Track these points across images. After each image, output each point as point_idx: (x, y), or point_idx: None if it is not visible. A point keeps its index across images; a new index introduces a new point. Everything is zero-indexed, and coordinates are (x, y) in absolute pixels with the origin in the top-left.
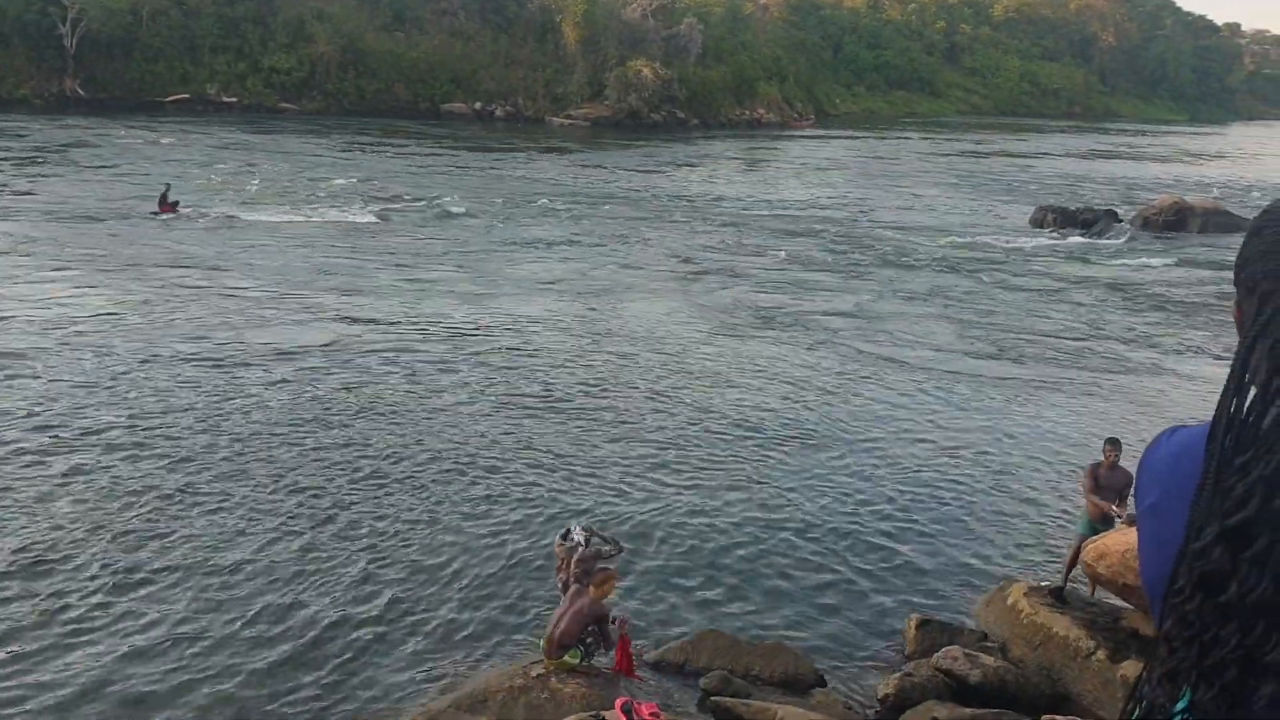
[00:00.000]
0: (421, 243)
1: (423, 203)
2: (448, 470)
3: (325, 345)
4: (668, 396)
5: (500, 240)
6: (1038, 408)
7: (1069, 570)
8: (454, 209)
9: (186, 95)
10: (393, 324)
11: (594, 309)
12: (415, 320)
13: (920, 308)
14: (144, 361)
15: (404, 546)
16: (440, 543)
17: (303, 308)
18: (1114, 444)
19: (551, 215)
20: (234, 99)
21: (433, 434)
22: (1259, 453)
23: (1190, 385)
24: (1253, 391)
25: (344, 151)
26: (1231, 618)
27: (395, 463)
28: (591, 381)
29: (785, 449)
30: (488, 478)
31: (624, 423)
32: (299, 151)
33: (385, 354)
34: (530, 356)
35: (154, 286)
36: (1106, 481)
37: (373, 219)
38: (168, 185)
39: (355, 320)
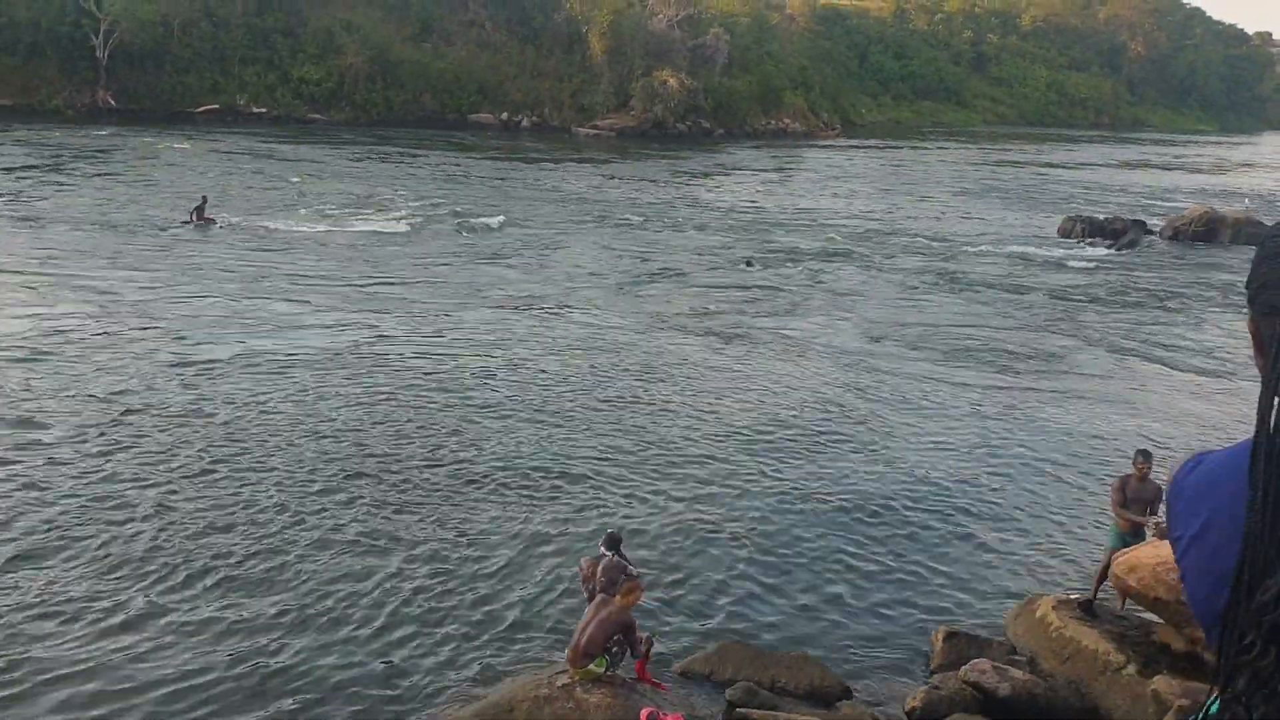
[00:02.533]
0: (451, 252)
1: (452, 212)
2: (473, 479)
3: (354, 354)
4: (689, 407)
5: (530, 250)
6: (1066, 418)
7: (1099, 583)
8: (483, 219)
9: (217, 106)
10: (422, 333)
11: (619, 319)
12: (447, 330)
13: (947, 317)
14: (174, 365)
15: (428, 555)
16: (465, 552)
17: (333, 317)
18: (1146, 456)
19: (577, 225)
20: (263, 110)
21: (459, 443)
22: None
23: (1222, 396)
24: None
25: (372, 161)
26: None
27: (420, 471)
28: (615, 393)
29: (810, 460)
30: (512, 487)
31: (649, 434)
32: (328, 162)
33: (415, 364)
34: (554, 366)
35: (185, 294)
36: (1136, 494)
37: (403, 228)
38: (204, 198)
39: (384, 329)
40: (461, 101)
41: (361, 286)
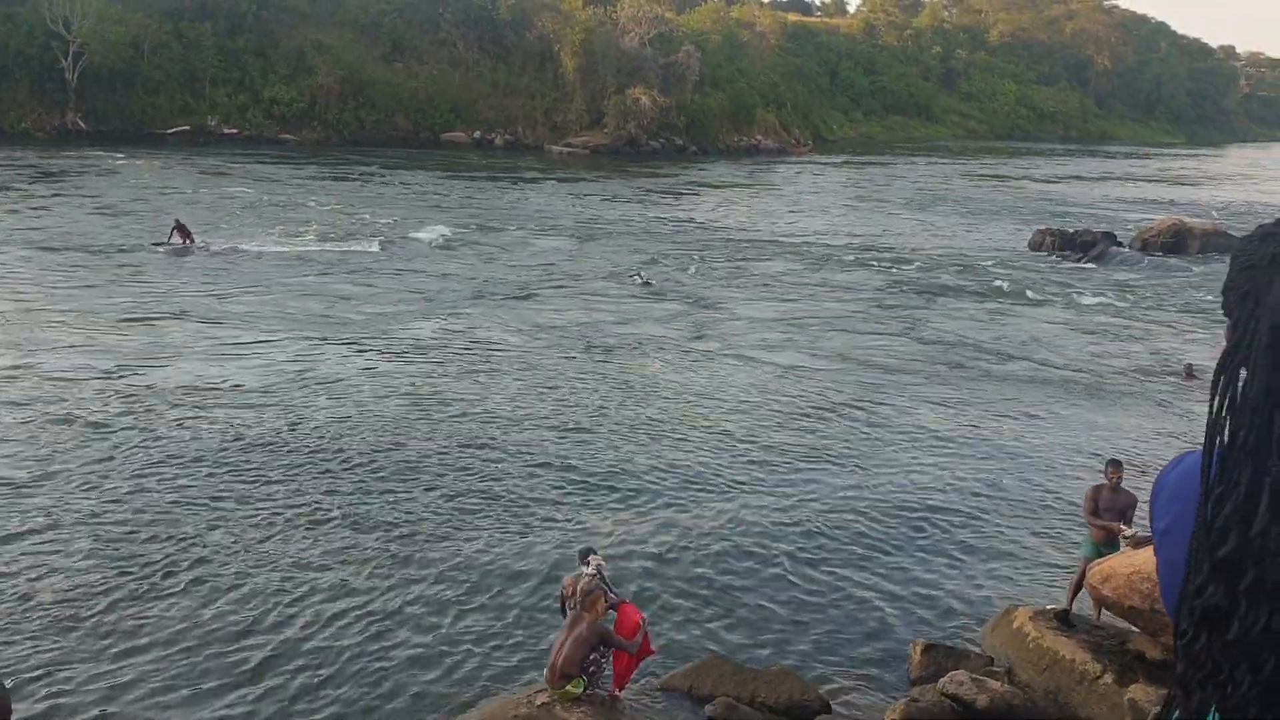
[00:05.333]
0: (424, 270)
1: (424, 231)
2: (451, 499)
3: (328, 375)
4: (661, 425)
5: (502, 269)
6: (1040, 430)
7: (1074, 593)
8: (452, 238)
9: (187, 127)
10: (396, 351)
11: (595, 337)
12: (422, 351)
13: (917, 332)
14: (157, 390)
15: (404, 576)
16: (443, 571)
17: (304, 336)
18: (1116, 465)
19: (546, 241)
20: (235, 130)
21: (438, 463)
22: (1230, 484)
23: (1192, 406)
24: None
25: (344, 181)
26: (1241, 656)
27: (398, 491)
28: (593, 408)
29: (786, 474)
30: (490, 505)
31: (628, 450)
32: (300, 182)
33: (389, 385)
34: (533, 383)
35: (153, 318)
36: (1108, 504)
37: (374, 249)
38: (177, 220)
39: (357, 348)
40: (434, 120)
41: (336, 310)
